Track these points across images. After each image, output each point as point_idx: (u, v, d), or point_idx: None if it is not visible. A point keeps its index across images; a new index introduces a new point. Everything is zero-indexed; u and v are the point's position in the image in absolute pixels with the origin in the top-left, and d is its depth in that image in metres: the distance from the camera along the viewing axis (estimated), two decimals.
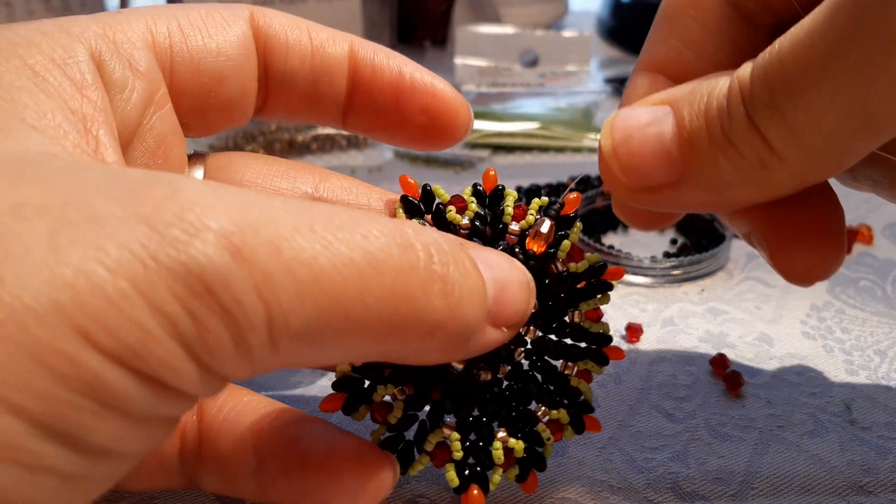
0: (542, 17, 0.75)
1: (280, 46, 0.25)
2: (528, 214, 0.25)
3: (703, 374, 0.33)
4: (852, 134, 0.19)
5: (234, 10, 0.25)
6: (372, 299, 0.17)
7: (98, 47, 0.21)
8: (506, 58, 0.65)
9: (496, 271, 0.21)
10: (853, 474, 0.28)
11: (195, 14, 0.24)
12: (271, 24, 0.25)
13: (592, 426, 0.26)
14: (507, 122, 0.56)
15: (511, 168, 0.52)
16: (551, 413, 0.25)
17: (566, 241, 0.25)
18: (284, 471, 0.23)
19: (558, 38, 0.66)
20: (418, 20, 0.72)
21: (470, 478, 0.25)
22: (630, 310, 0.37)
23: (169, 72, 0.24)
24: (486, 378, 0.25)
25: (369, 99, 0.26)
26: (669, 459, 0.28)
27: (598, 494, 0.27)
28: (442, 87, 0.27)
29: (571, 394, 0.26)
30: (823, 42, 0.18)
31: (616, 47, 0.75)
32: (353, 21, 0.58)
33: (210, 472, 0.24)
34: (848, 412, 0.31)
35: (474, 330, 0.20)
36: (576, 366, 0.26)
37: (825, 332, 0.35)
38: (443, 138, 0.27)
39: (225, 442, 0.24)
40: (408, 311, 0.18)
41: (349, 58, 0.26)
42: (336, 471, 0.23)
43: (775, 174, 0.20)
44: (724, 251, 0.40)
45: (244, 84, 0.25)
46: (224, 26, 0.25)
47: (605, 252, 0.40)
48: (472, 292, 0.19)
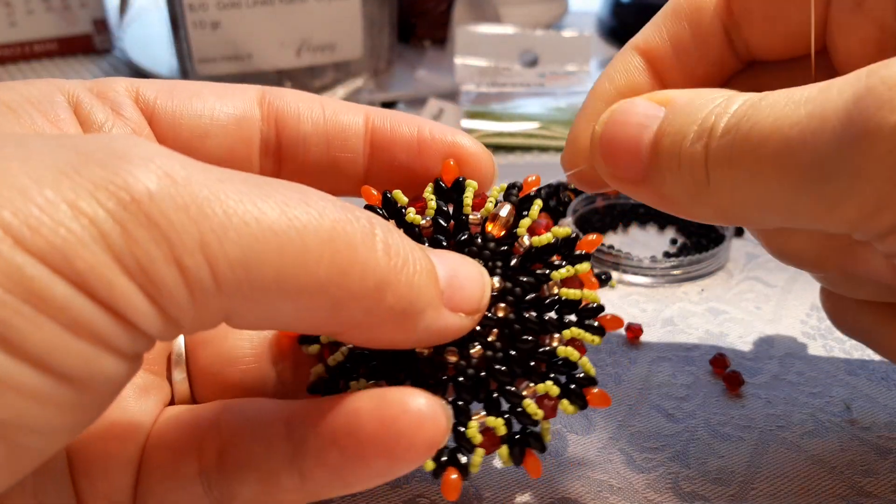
0: (542, 17, 0.75)
1: (291, 115, 0.26)
2: (488, 202, 0.25)
3: (703, 374, 0.33)
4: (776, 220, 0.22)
5: (243, 87, 0.26)
6: (311, 238, 0.18)
7: (76, 93, 0.23)
8: (506, 58, 0.65)
9: (445, 259, 0.22)
10: (853, 475, 0.28)
11: (195, 85, 0.26)
12: (283, 97, 0.26)
13: (600, 400, 0.24)
14: (507, 122, 0.56)
15: (511, 168, 0.52)
16: (537, 388, 0.24)
17: (525, 219, 0.25)
18: (330, 441, 0.21)
19: (558, 38, 0.66)
20: (418, 20, 0.72)
21: (447, 462, 0.23)
22: (630, 310, 0.37)
23: (149, 120, 0.25)
24: (452, 360, 0.24)
25: (391, 155, 0.27)
26: (669, 459, 0.28)
27: (598, 494, 0.27)
28: (462, 137, 0.27)
29: (562, 367, 0.24)
30: (813, 138, 0.20)
31: (616, 47, 0.75)
32: (353, 21, 0.58)
33: (241, 481, 0.22)
34: (848, 412, 0.31)
35: (428, 303, 0.20)
36: (561, 336, 0.25)
37: (825, 332, 0.35)
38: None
39: (253, 441, 0.22)
40: (349, 255, 0.18)
41: (365, 121, 0.27)
42: (389, 420, 0.20)
43: (702, 209, 0.23)
44: (724, 251, 0.40)
45: (230, 146, 0.26)
46: (221, 95, 0.25)
47: (605, 252, 0.40)
48: (416, 260, 0.20)
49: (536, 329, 0.25)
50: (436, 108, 0.60)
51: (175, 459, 0.23)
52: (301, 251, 0.18)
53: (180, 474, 0.22)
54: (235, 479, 0.22)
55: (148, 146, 0.17)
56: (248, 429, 0.23)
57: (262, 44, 0.57)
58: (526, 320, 0.24)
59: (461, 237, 0.25)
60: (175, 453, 0.23)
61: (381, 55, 0.64)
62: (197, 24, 0.55)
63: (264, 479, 0.22)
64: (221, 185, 0.17)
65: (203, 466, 0.22)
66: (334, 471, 0.21)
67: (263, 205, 0.17)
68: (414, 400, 0.20)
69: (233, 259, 0.17)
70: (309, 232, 0.18)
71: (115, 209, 0.16)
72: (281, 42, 0.57)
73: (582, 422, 0.30)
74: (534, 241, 0.25)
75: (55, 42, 0.67)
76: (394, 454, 0.20)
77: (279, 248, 0.17)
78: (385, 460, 0.20)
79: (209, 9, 0.54)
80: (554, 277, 0.25)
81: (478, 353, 0.24)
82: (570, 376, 0.24)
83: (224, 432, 0.23)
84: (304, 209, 0.18)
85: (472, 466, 0.23)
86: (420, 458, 0.21)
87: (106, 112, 0.23)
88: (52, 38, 0.66)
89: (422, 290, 0.20)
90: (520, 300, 0.25)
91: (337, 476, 0.21)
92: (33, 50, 0.66)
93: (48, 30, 0.66)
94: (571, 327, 0.25)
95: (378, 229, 0.19)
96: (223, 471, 0.22)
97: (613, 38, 0.76)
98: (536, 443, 0.24)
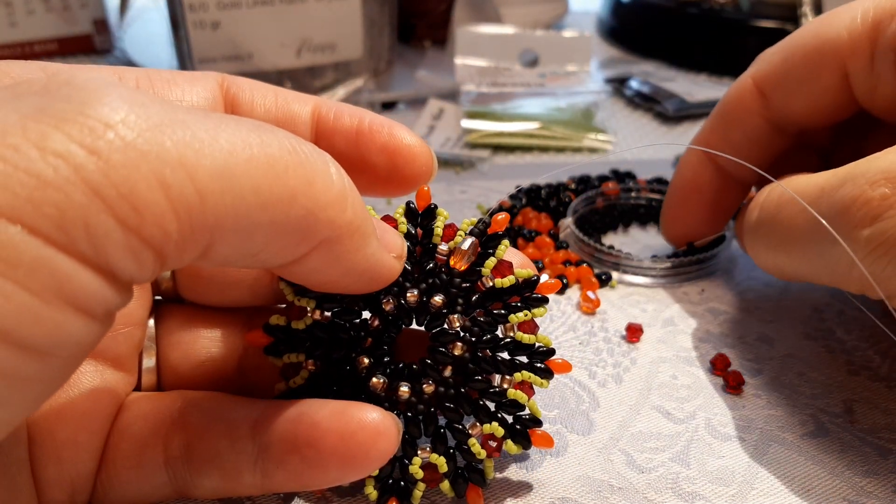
0: (542, 17, 0.75)
1: (246, 102, 0.27)
2: (458, 235, 0.26)
3: (703, 374, 0.33)
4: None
5: (203, 73, 0.27)
6: (274, 151, 0.18)
7: None
8: (506, 58, 0.65)
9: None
10: (854, 475, 0.28)
11: (166, 73, 0.27)
12: (240, 85, 0.27)
13: (542, 441, 0.26)
14: (507, 122, 0.56)
15: (511, 168, 0.52)
16: (483, 427, 0.25)
17: (491, 259, 0.26)
18: (292, 449, 0.23)
19: (558, 38, 0.66)
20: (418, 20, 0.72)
21: (391, 490, 0.25)
22: (630, 310, 0.37)
23: None
24: (405, 394, 0.25)
25: (331, 145, 0.27)
26: (669, 459, 0.28)
27: (598, 494, 0.27)
28: (399, 129, 0.27)
29: (510, 406, 0.26)
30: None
31: (616, 47, 0.75)
32: (353, 21, 0.58)
33: (205, 474, 0.24)
34: (849, 413, 0.31)
35: (373, 229, 0.22)
36: (512, 378, 0.26)
37: (826, 333, 0.35)
38: (403, 180, 0.27)
39: (219, 438, 0.24)
40: (311, 167, 0.19)
41: (313, 111, 0.28)
42: (348, 434, 0.23)
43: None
44: (724, 251, 0.40)
45: None
46: (191, 81, 0.27)
47: (604, 252, 0.40)
48: (356, 189, 0.21)
49: (489, 370, 0.26)
50: (436, 108, 0.59)
51: (141, 448, 0.24)
52: (269, 163, 0.18)
53: (146, 462, 0.24)
54: (200, 472, 0.24)
55: (106, 79, 0.17)
56: (215, 426, 0.24)
57: (263, 44, 0.57)
58: (480, 360, 0.26)
59: (426, 265, 0.26)
60: (141, 442, 0.24)
61: (382, 55, 0.64)
62: (197, 24, 0.55)
63: (227, 476, 0.24)
64: (183, 111, 0.17)
65: (169, 457, 0.24)
66: (294, 474, 0.23)
67: (225, 126, 0.18)
68: (370, 415, 0.23)
69: (213, 170, 0.17)
70: (272, 147, 0.19)
71: (87, 139, 0.15)
72: (281, 42, 0.57)
73: (582, 422, 0.30)
74: (497, 283, 0.26)
75: (55, 42, 0.67)
76: (350, 464, 0.23)
77: (250, 159, 0.18)
78: (342, 469, 0.23)
79: (209, 9, 0.54)
80: (511, 320, 0.26)
81: (430, 389, 0.25)
82: (516, 417, 0.26)
83: (191, 427, 0.24)
84: (262, 131, 0.19)
85: (413, 499, 0.25)
86: (373, 467, 0.23)
87: None
88: (52, 38, 0.66)
89: (366, 214, 0.21)
90: (477, 340, 0.26)
91: (295, 478, 0.23)
92: (33, 50, 0.66)
93: (48, 30, 0.66)
94: (522, 370, 0.26)
95: (326, 156, 0.20)
96: (189, 462, 0.24)
97: (613, 38, 0.76)
98: (478, 478, 0.26)
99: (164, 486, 0.24)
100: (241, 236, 0.18)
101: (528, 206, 0.45)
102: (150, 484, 0.24)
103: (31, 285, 0.15)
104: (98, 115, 0.16)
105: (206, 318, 0.28)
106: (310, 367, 0.26)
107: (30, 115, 0.15)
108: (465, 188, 0.49)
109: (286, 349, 0.26)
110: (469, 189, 0.49)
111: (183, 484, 0.24)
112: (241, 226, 0.18)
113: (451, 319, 0.25)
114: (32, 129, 0.15)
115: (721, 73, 0.67)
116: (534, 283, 0.26)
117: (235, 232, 0.18)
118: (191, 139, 0.17)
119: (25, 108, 0.15)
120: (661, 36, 0.71)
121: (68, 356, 0.17)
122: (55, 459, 0.23)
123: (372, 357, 0.26)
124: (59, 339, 0.16)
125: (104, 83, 0.17)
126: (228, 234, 0.18)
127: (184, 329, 0.27)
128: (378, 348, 0.26)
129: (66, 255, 0.15)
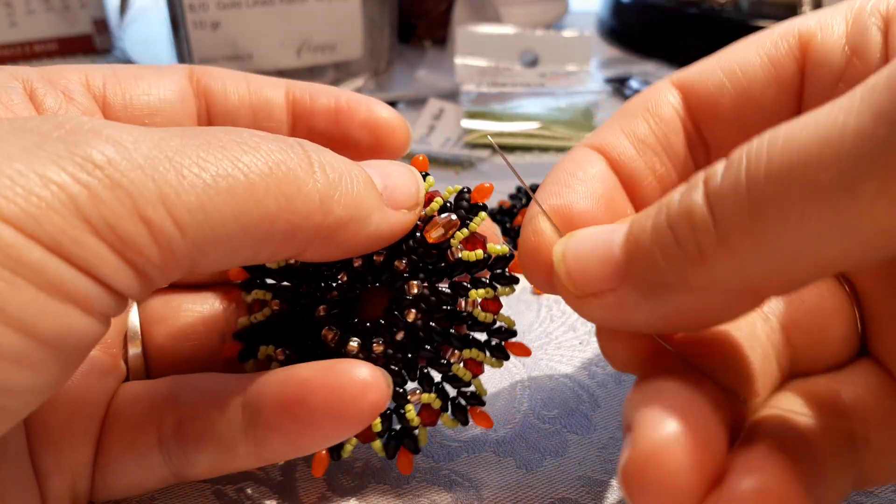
0: (542, 17, 0.75)
1: (219, 91, 0.28)
2: (435, 201, 0.26)
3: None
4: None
5: (171, 66, 0.28)
6: (254, 175, 0.19)
7: (30, 79, 0.24)
8: (506, 58, 0.65)
9: (376, 166, 0.24)
10: None
11: (133, 68, 0.27)
12: (210, 74, 0.28)
13: (481, 420, 0.26)
14: (507, 122, 0.56)
15: None
16: (422, 396, 0.26)
17: (462, 231, 0.25)
18: (282, 410, 0.23)
19: (558, 38, 0.66)
20: (418, 20, 0.72)
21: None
22: None
23: (102, 104, 0.26)
24: (353, 348, 0.25)
25: (311, 125, 0.28)
26: None
27: (598, 494, 0.27)
28: (376, 105, 0.29)
29: (452, 381, 0.26)
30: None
31: (616, 47, 0.75)
32: (353, 21, 0.58)
33: (199, 450, 0.24)
34: None
35: (373, 207, 0.23)
36: (460, 353, 0.26)
37: None
38: (384, 153, 0.29)
39: (209, 412, 0.24)
40: (292, 181, 0.20)
41: (286, 93, 0.29)
42: (337, 389, 0.23)
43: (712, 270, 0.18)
44: None
45: (179, 121, 0.28)
46: (158, 75, 0.27)
47: None
48: (352, 172, 0.22)
49: (440, 341, 0.26)
50: (436, 108, 0.60)
51: (134, 431, 0.24)
52: (249, 188, 0.19)
53: (140, 445, 0.24)
54: (194, 448, 0.24)
55: (94, 121, 0.18)
56: (205, 401, 0.24)
57: (262, 44, 0.57)
58: (433, 329, 0.26)
59: None
60: (134, 426, 0.25)
61: (382, 55, 0.64)
62: (197, 24, 0.55)
63: (222, 448, 0.24)
64: (166, 143, 0.19)
65: (162, 437, 0.24)
66: (288, 436, 0.23)
67: (206, 154, 0.19)
68: (358, 369, 0.23)
69: (191, 205, 0.18)
70: (252, 170, 0.20)
71: (80, 175, 0.17)
72: (281, 42, 0.57)
73: (582, 422, 0.30)
74: (463, 256, 0.25)
75: (55, 42, 0.67)
76: (342, 418, 0.23)
77: (229, 189, 0.19)
78: (334, 424, 0.23)
79: (209, 9, 0.54)
80: (472, 295, 0.25)
81: (379, 349, 0.25)
82: (459, 392, 0.26)
83: (182, 405, 0.24)
84: (243, 150, 0.20)
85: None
86: (366, 421, 0.23)
87: (58, 98, 0.25)
88: (52, 38, 0.66)
89: (364, 196, 0.22)
90: (433, 308, 0.26)
91: (290, 441, 0.23)
92: (33, 50, 0.66)
93: (48, 30, 0.66)
94: (474, 348, 0.26)
95: (311, 152, 0.21)
96: (182, 441, 0.24)
97: (613, 38, 0.76)
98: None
99: (160, 469, 0.24)
100: (226, 253, 0.20)
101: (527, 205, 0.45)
102: (145, 467, 0.24)
103: (37, 281, 0.16)
104: (89, 157, 0.17)
105: (186, 294, 0.29)
106: (274, 306, 0.27)
107: (30, 148, 0.17)
108: None
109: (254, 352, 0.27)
110: None
111: (178, 464, 0.24)
112: (224, 248, 0.20)
113: (409, 285, 0.25)
114: (34, 161, 0.17)
115: None
116: (507, 261, 0.25)
117: (218, 252, 0.20)
118: (173, 177, 0.18)
119: (26, 142, 0.17)
120: (661, 36, 0.71)
121: (70, 351, 0.18)
122: (53, 448, 0.24)
123: (331, 308, 0.26)
124: (62, 330, 0.17)
125: (91, 128, 0.18)
126: (211, 254, 0.19)
127: (166, 306, 0.28)
128: (341, 302, 0.26)
129: (66, 263, 0.17)
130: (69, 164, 0.17)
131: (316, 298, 0.26)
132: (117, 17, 0.70)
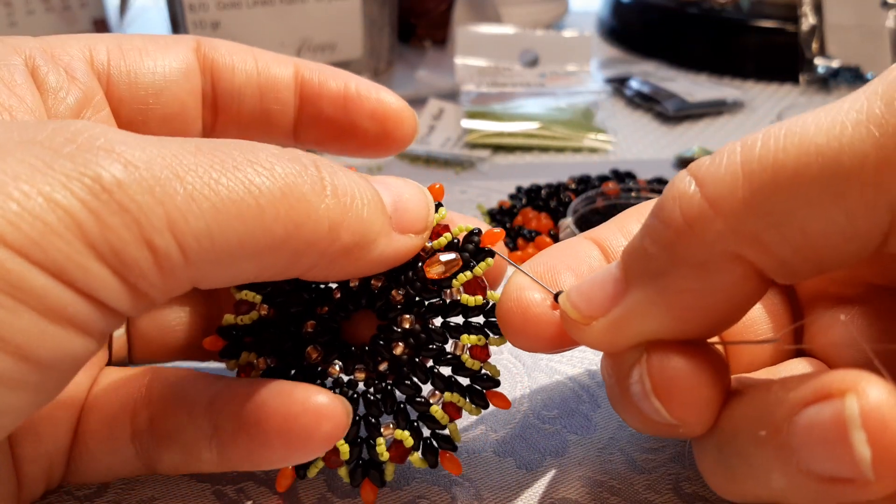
0: (542, 17, 0.75)
1: (226, 68, 0.27)
2: (444, 236, 0.25)
3: None
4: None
5: (177, 38, 0.27)
6: (265, 200, 0.19)
7: (33, 55, 0.24)
8: (506, 58, 0.65)
9: (388, 185, 0.23)
10: None
11: (138, 39, 0.26)
12: (217, 48, 0.27)
13: (451, 465, 0.25)
14: (507, 122, 0.56)
15: (511, 168, 0.52)
16: (395, 432, 0.25)
17: (464, 274, 0.25)
18: (240, 427, 0.23)
19: (558, 38, 0.66)
20: (418, 20, 0.72)
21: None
22: None
23: (106, 82, 0.26)
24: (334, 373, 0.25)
25: (318, 110, 0.28)
26: (670, 460, 0.28)
27: (598, 494, 0.27)
28: (386, 94, 0.28)
29: (428, 421, 0.25)
30: None
31: (616, 47, 0.75)
32: (353, 21, 0.58)
33: (167, 449, 0.24)
34: None
35: (379, 232, 0.22)
36: (441, 396, 0.25)
37: None
38: (391, 143, 0.28)
39: (179, 414, 0.24)
40: (303, 207, 0.20)
41: (295, 74, 0.28)
42: (291, 416, 0.23)
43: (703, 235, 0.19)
44: None
45: (183, 99, 0.27)
46: (164, 49, 0.26)
47: None
48: (363, 194, 0.21)
49: (422, 379, 0.25)
50: (436, 108, 0.60)
51: (110, 423, 0.25)
52: (258, 214, 0.19)
53: (115, 436, 0.24)
54: (163, 446, 0.24)
55: (107, 134, 0.18)
56: (176, 402, 0.24)
57: (262, 44, 0.56)
58: (417, 366, 0.25)
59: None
60: (110, 417, 0.25)
61: (382, 55, 0.64)
62: (197, 24, 0.55)
63: (186, 451, 0.24)
64: (178, 160, 0.18)
65: (135, 431, 0.24)
66: (245, 452, 0.23)
67: (219, 175, 0.18)
68: (316, 398, 0.23)
69: (198, 232, 0.18)
70: (263, 194, 0.19)
71: (87, 199, 0.17)
72: (281, 42, 0.57)
73: (582, 422, 0.30)
74: (462, 298, 0.25)
75: None
76: (294, 445, 0.23)
77: (238, 214, 0.18)
78: (286, 449, 0.23)
79: (209, 9, 0.54)
80: (463, 340, 0.25)
81: (361, 376, 0.25)
82: (433, 433, 0.26)
83: (155, 401, 0.25)
84: (256, 171, 0.19)
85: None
86: (319, 450, 0.23)
87: (60, 77, 0.24)
88: None
89: (372, 221, 0.22)
90: (420, 346, 0.25)
91: (246, 457, 0.23)
92: None
93: (48, 30, 0.66)
94: (455, 392, 0.25)
95: (325, 173, 0.21)
96: (153, 437, 0.24)
97: (613, 38, 0.76)
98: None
99: (132, 460, 0.25)
100: (228, 274, 0.20)
101: (528, 205, 0.45)
102: (118, 457, 0.25)
103: (38, 307, 0.16)
104: (98, 178, 0.17)
105: None
106: (262, 311, 0.26)
107: (38, 166, 0.17)
108: (465, 188, 0.49)
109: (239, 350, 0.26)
110: (469, 189, 0.49)
111: (148, 458, 0.25)
112: (227, 270, 0.19)
113: (402, 318, 0.25)
114: (41, 181, 0.16)
115: (721, 73, 0.67)
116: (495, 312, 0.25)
117: (220, 274, 0.19)
118: (182, 201, 0.18)
119: (34, 158, 0.17)
120: (661, 36, 0.71)
121: (66, 370, 0.18)
122: (33, 436, 0.24)
123: (319, 326, 0.25)
124: (60, 354, 0.17)
125: (103, 144, 0.18)
126: (213, 276, 0.19)
127: None
128: (330, 321, 0.26)
129: (67, 288, 0.17)
130: (77, 186, 0.17)
131: (305, 311, 0.26)
132: (117, 17, 0.70)
